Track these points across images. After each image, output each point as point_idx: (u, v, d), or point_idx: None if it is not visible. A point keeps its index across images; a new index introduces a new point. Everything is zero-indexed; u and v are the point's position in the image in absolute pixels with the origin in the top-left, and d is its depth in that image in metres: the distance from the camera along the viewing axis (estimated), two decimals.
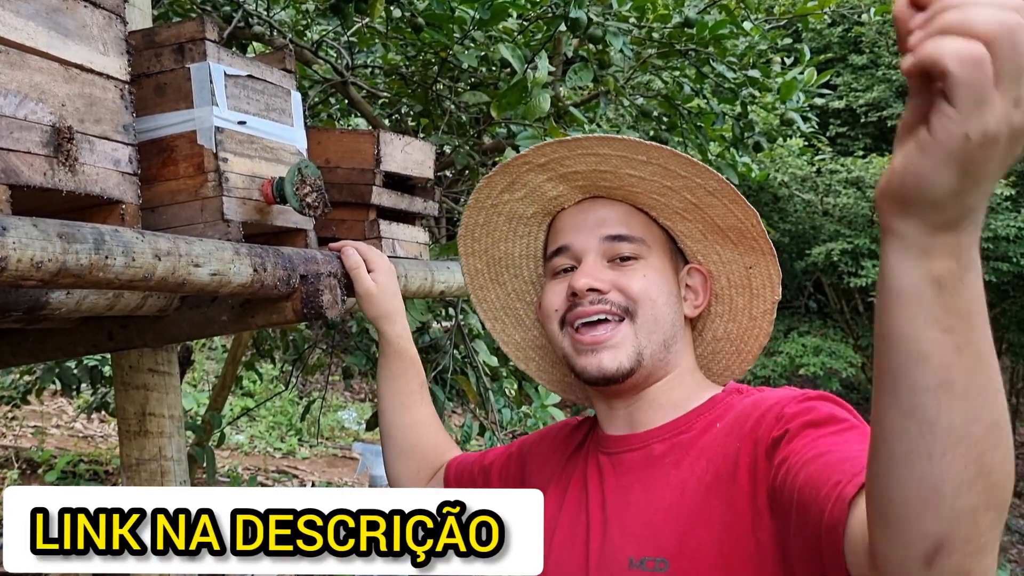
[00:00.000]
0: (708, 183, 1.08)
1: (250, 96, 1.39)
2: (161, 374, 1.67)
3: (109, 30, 1.12)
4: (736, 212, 1.10)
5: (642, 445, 1.10)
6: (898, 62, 0.65)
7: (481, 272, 1.30)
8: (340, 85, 2.94)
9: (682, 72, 3.59)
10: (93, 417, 6.65)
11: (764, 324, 1.18)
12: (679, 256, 1.18)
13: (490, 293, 1.32)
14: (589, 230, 1.14)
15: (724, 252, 1.16)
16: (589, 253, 1.13)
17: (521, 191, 1.19)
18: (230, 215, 1.32)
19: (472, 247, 1.29)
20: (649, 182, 1.10)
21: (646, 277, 1.11)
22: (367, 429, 3.02)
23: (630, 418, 1.14)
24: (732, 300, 1.18)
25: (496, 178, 1.19)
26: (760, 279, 1.16)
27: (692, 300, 1.17)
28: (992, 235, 8.22)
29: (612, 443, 1.15)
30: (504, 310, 1.33)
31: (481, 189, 1.22)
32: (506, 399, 3.04)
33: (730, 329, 1.20)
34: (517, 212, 1.22)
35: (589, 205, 1.16)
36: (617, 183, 1.12)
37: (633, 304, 1.09)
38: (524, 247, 1.27)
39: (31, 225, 0.89)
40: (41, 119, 1.01)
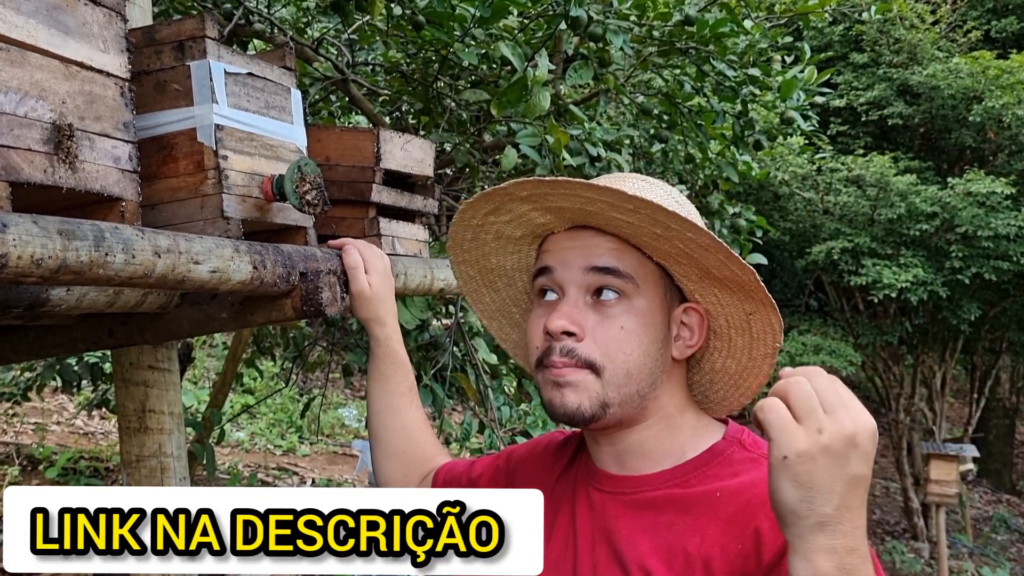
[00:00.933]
0: (700, 239, 1.02)
1: (250, 94, 1.39)
2: (161, 371, 1.67)
3: (109, 28, 1.11)
4: (733, 267, 1.04)
5: (635, 491, 1.07)
6: (899, 60, 0.67)
7: (474, 278, 1.28)
8: (341, 83, 2.93)
9: (682, 70, 3.58)
10: (94, 414, 6.66)
11: (764, 366, 1.13)
12: (675, 293, 1.11)
13: (484, 297, 1.29)
14: (575, 259, 1.08)
15: (722, 296, 1.10)
16: (571, 287, 1.07)
17: (507, 216, 1.15)
18: (230, 212, 1.32)
19: (463, 257, 1.25)
20: (639, 227, 1.04)
21: (623, 328, 1.05)
22: (367, 426, 3.02)
23: (618, 459, 1.11)
24: (731, 339, 1.13)
25: (479, 203, 1.14)
26: (760, 325, 1.10)
27: (685, 340, 1.11)
28: (992, 234, 8.21)
29: (604, 481, 1.12)
30: (500, 312, 1.30)
31: (464, 211, 1.17)
32: (505, 397, 3.04)
33: (728, 365, 1.15)
34: (504, 233, 1.18)
35: (578, 232, 1.10)
36: (605, 223, 1.07)
37: (601, 359, 1.05)
38: (516, 261, 1.23)
39: (31, 222, 0.89)
40: (41, 116, 1.01)
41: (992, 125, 9.06)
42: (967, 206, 8.34)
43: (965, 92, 9.08)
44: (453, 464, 1.38)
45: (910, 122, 9.79)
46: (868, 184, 8.89)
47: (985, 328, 10.19)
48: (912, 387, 10.49)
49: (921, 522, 9.75)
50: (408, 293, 1.82)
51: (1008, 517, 11.14)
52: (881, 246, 8.84)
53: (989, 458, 12.40)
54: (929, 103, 9.50)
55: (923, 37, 9.70)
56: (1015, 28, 11.02)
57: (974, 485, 12.13)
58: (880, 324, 9.91)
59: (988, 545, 9.94)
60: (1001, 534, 10.56)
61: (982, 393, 11.14)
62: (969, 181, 8.46)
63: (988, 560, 9.32)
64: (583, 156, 2.81)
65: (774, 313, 1.07)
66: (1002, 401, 12.96)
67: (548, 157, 2.63)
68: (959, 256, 8.51)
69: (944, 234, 8.71)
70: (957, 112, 9.32)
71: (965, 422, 11.43)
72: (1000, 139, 9.29)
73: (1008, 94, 8.59)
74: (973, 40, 10.71)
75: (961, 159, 10.16)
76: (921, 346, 10.30)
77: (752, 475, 1.00)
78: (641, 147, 4.07)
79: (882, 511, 11.07)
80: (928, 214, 8.55)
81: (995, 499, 12.19)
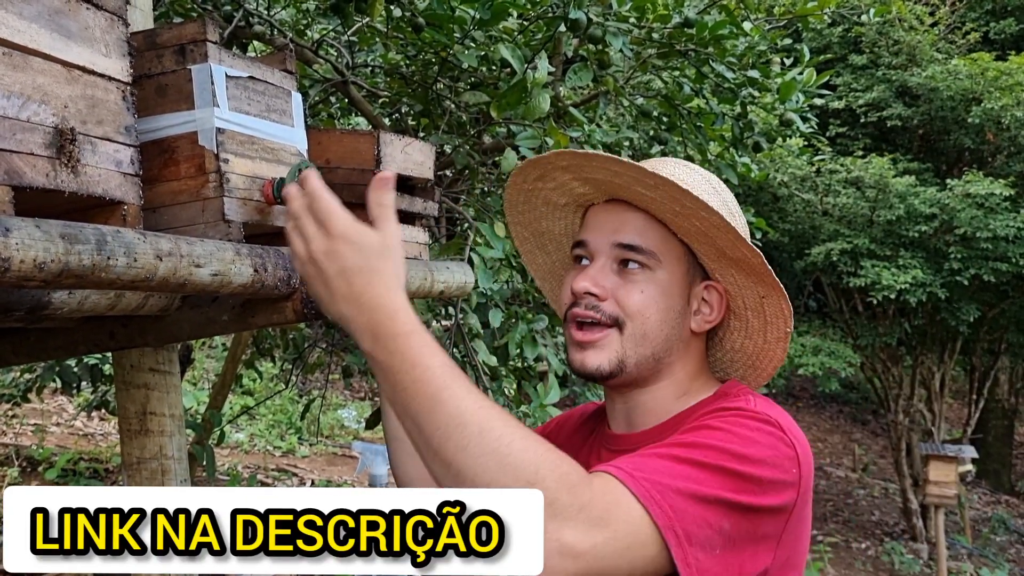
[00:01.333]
0: (712, 218, 1.10)
1: (251, 97, 1.40)
2: (162, 373, 1.68)
3: (111, 32, 1.12)
4: (743, 249, 1.13)
5: (634, 446, 1.13)
6: (898, 62, 0.68)
7: (528, 240, 1.37)
8: (340, 84, 2.94)
9: (682, 72, 3.59)
10: (93, 415, 6.66)
11: (778, 350, 1.23)
12: (698, 270, 1.20)
13: (537, 258, 1.39)
14: (606, 233, 1.18)
15: (739, 277, 1.18)
16: (599, 256, 1.18)
17: (552, 183, 1.25)
18: (231, 216, 1.32)
19: (517, 219, 1.35)
20: (660, 203, 1.13)
21: (643, 292, 1.15)
22: (367, 427, 3.03)
23: (628, 416, 1.21)
24: (748, 320, 1.22)
25: (528, 169, 1.24)
26: (773, 310, 1.19)
27: (704, 315, 1.20)
28: (991, 235, 8.21)
29: (613, 440, 1.22)
30: (551, 274, 1.40)
31: (516, 175, 1.27)
32: (505, 398, 3.04)
33: (745, 345, 1.24)
34: (552, 200, 1.28)
35: (613, 207, 1.20)
36: (632, 197, 1.16)
37: (624, 316, 1.15)
38: (563, 228, 1.33)
39: (34, 226, 0.89)
40: (44, 121, 1.01)
41: (991, 127, 9.07)
42: (966, 207, 8.34)
43: (964, 94, 9.09)
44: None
45: (909, 124, 9.80)
46: (867, 186, 8.90)
47: (984, 329, 10.19)
48: (911, 388, 10.49)
49: (920, 523, 9.75)
50: (408, 296, 1.82)
51: (1007, 518, 11.15)
52: (880, 247, 8.84)
53: (988, 459, 12.41)
54: (928, 105, 9.51)
55: (922, 39, 9.71)
56: (1014, 30, 11.03)
57: (973, 486, 12.13)
58: (879, 325, 9.92)
59: (987, 546, 9.94)
60: (1000, 535, 10.57)
61: (981, 394, 11.15)
62: (968, 183, 8.47)
63: (987, 561, 9.32)
64: None
65: (784, 299, 1.16)
66: (1001, 402, 12.97)
67: None
68: (958, 257, 8.51)
69: (943, 235, 8.72)
70: (956, 114, 9.33)
71: (964, 423, 11.43)
72: (999, 141, 9.30)
73: (1007, 96, 8.60)
74: (972, 42, 10.72)
75: (960, 161, 10.17)
76: (920, 347, 10.31)
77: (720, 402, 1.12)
78: (641, 149, 4.08)
79: (881, 512, 11.07)
80: (927, 215, 8.55)
81: (994, 500, 12.19)
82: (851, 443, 14.20)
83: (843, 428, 15.15)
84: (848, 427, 15.27)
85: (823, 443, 14.01)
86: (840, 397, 15.85)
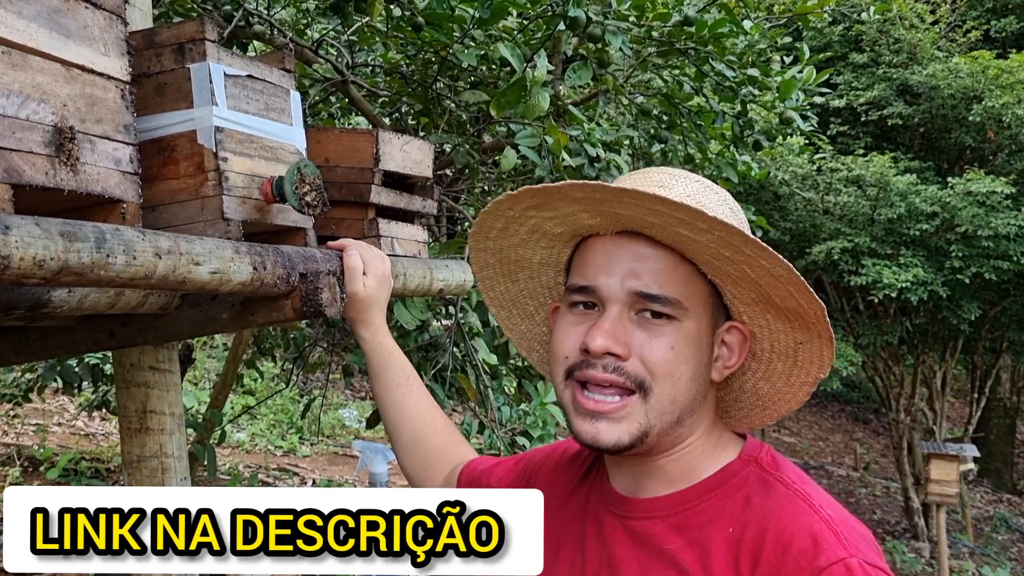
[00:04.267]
0: (775, 268, 0.95)
1: (250, 96, 1.40)
2: (162, 372, 1.68)
3: (110, 31, 1.12)
4: (800, 300, 0.97)
5: (644, 516, 1.03)
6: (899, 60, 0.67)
7: (491, 266, 1.20)
8: (340, 84, 2.94)
9: (682, 71, 3.59)
10: (94, 415, 6.66)
11: (800, 394, 1.08)
12: (721, 312, 1.04)
13: (498, 286, 1.22)
14: (620, 275, 0.99)
15: (774, 322, 1.03)
16: (612, 304, 0.98)
17: (550, 212, 1.05)
18: (230, 214, 1.32)
19: (484, 244, 1.16)
20: (705, 246, 0.96)
21: (673, 348, 0.97)
22: (367, 427, 3.03)
23: (636, 480, 1.06)
24: (771, 363, 1.07)
25: (524, 197, 1.04)
26: (809, 355, 1.04)
27: (724, 360, 1.04)
28: (992, 233, 8.20)
29: (617, 503, 1.07)
30: (512, 302, 1.23)
31: (503, 201, 1.07)
32: (505, 397, 3.04)
33: (761, 387, 1.09)
34: (543, 228, 1.08)
35: (624, 241, 1.00)
36: (664, 236, 0.98)
37: (650, 380, 0.97)
38: (545, 256, 1.14)
39: (33, 224, 0.89)
40: (43, 119, 1.01)
41: (992, 125, 9.06)
42: (967, 206, 8.34)
43: (965, 92, 9.08)
44: (477, 463, 1.35)
45: (910, 122, 9.80)
46: (868, 184, 8.90)
47: (985, 328, 10.18)
48: (912, 387, 10.49)
49: (922, 522, 9.74)
50: (407, 294, 1.82)
51: (1009, 517, 11.14)
52: (881, 246, 8.84)
53: (990, 458, 12.41)
54: (929, 103, 9.50)
55: (923, 37, 9.70)
56: (1015, 28, 11.02)
57: (975, 485, 12.13)
58: (880, 324, 9.91)
59: (989, 545, 9.94)
60: (1002, 534, 10.56)
61: (982, 393, 11.15)
62: (969, 181, 8.46)
63: (989, 560, 9.32)
64: (582, 157, 2.82)
65: (829, 346, 1.01)
66: (1002, 400, 12.96)
67: (547, 158, 2.63)
68: (959, 256, 8.51)
69: (944, 234, 8.71)
70: (957, 112, 9.32)
71: (965, 422, 11.43)
72: (1000, 139, 9.30)
73: (1008, 94, 8.60)
74: (973, 40, 10.72)
75: (961, 159, 10.16)
76: (921, 346, 10.30)
77: (763, 503, 0.96)
78: (640, 147, 4.08)
79: (883, 511, 11.07)
80: (928, 214, 8.55)
81: (996, 499, 12.19)
82: (853, 442, 14.20)
83: (845, 427, 15.15)
84: (850, 426, 15.26)
85: (824, 442, 14.00)
86: (842, 396, 15.85)
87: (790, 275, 0.95)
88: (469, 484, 1.32)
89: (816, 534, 0.90)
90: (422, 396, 1.45)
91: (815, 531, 0.91)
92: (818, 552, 0.89)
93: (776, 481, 0.98)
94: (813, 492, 0.97)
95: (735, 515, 0.96)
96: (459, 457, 1.39)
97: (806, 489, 0.97)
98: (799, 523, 0.92)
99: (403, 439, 1.43)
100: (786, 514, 0.93)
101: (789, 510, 0.94)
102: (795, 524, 0.92)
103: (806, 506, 0.94)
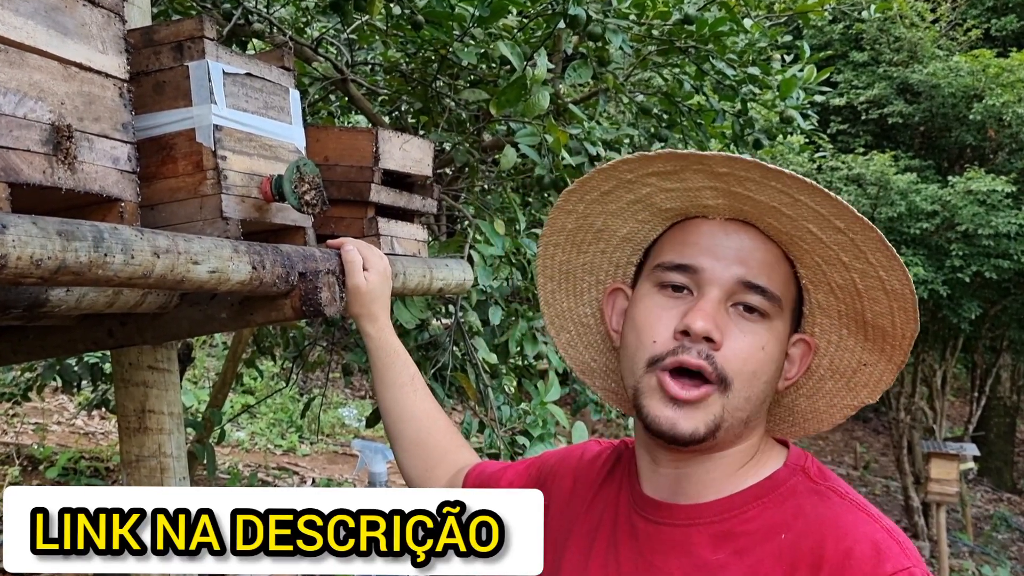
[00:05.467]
0: (892, 281, 0.93)
1: (248, 94, 1.39)
2: (161, 371, 1.67)
3: (108, 28, 1.11)
4: (897, 320, 0.95)
5: (686, 523, 0.99)
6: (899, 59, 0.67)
7: (565, 231, 1.11)
8: (340, 83, 2.93)
9: (682, 69, 3.58)
10: (94, 414, 6.66)
11: (838, 416, 1.06)
12: (795, 321, 1.01)
13: (561, 255, 1.14)
14: (727, 261, 0.96)
15: (847, 340, 1.01)
16: (714, 288, 0.95)
17: (674, 184, 0.98)
18: (229, 213, 1.32)
19: (573, 207, 1.08)
20: (827, 248, 0.94)
21: (764, 349, 0.95)
22: (367, 426, 3.02)
23: (676, 483, 1.01)
24: (823, 382, 1.05)
25: (658, 159, 0.97)
26: (865, 378, 1.02)
27: (787, 371, 1.01)
28: (993, 232, 8.20)
29: (651, 508, 1.02)
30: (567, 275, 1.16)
31: (629, 160, 0.99)
32: (505, 396, 3.04)
33: (801, 405, 1.07)
34: (652, 200, 1.02)
35: (735, 228, 0.97)
36: (789, 229, 0.95)
37: (731, 375, 0.94)
38: (633, 230, 1.07)
39: (30, 223, 0.89)
40: (40, 117, 1.01)
41: (992, 123, 9.06)
42: (967, 204, 8.33)
43: (965, 90, 9.07)
44: (483, 467, 1.32)
45: (910, 120, 9.79)
46: (868, 183, 8.89)
47: (986, 327, 10.18)
48: (912, 386, 10.48)
49: (922, 521, 9.74)
50: (407, 293, 1.82)
51: (1009, 516, 11.14)
52: None
53: (990, 457, 12.41)
54: (929, 101, 9.49)
55: (923, 35, 9.70)
56: (1015, 26, 11.01)
57: (975, 484, 12.13)
58: None
59: (989, 544, 9.94)
60: (1002, 533, 10.56)
61: (983, 392, 11.14)
62: (969, 179, 8.46)
63: (989, 559, 9.32)
64: (582, 155, 2.81)
65: (894, 372, 0.99)
66: (1003, 400, 12.96)
67: (547, 156, 2.63)
68: (959, 254, 8.50)
69: (944, 232, 8.70)
70: (957, 110, 9.32)
71: (966, 421, 11.43)
72: (1000, 137, 9.29)
73: (1008, 92, 8.59)
74: (973, 38, 10.71)
75: (961, 157, 10.16)
76: (921, 344, 10.29)
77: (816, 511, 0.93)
78: (641, 146, 4.07)
79: (883, 510, 11.02)
80: (928, 212, 8.54)
81: (996, 498, 12.19)
82: (852, 441, 14.20)
83: (844, 426, 15.15)
84: (849, 425, 15.26)
85: (824, 441, 14.00)
86: None
87: (903, 289, 0.93)
88: (477, 484, 1.29)
89: (878, 543, 0.88)
90: (426, 397, 1.43)
91: (877, 539, 0.89)
92: (882, 559, 0.87)
93: (829, 491, 0.95)
94: (866, 503, 0.95)
95: (788, 523, 0.93)
96: (462, 460, 1.37)
97: (860, 500, 0.95)
98: (860, 531, 0.90)
99: (405, 440, 1.41)
100: (844, 522, 0.91)
101: (848, 518, 0.92)
102: (856, 532, 0.90)
103: (865, 516, 0.92)
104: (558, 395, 2.75)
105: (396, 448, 1.44)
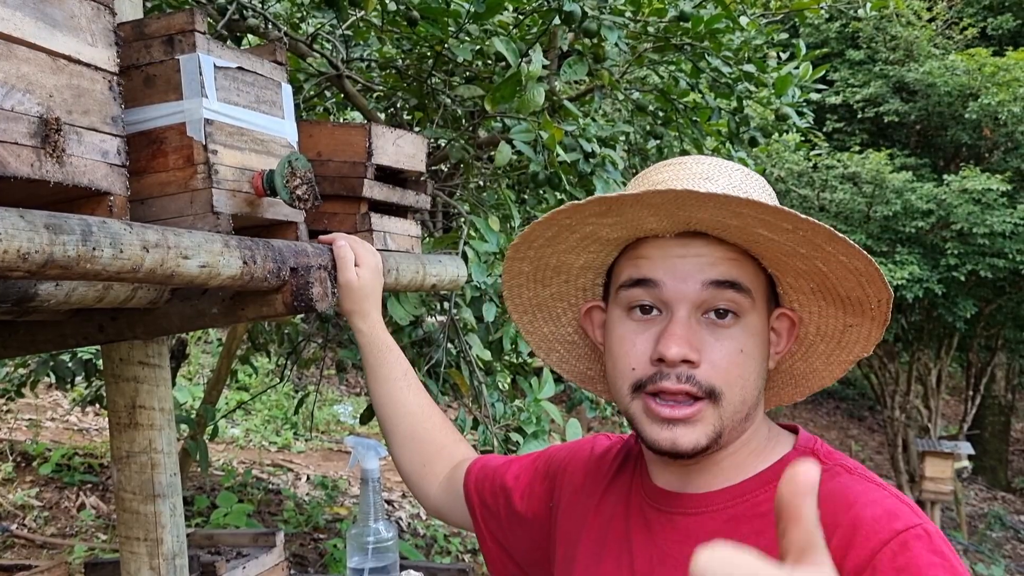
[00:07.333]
0: (853, 262, 0.94)
1: (240, 88, 1.38)
2: (151, 367, 1.66)
3: (97, 21, 1.11)
4: (869, 291, 0.97)
5: (698, 511, 1.00)
6: (895, 57, 0.66)
7: (524, 274, 1.14)
8: (335, 78, 2.93)
9: (678, 66, 3.58)
10: (88, 410, 6.65)
11: (836, 371, 1.09)
12: (772, 299, 1.03)
13: (527, 292, 1.17)
14: (687, 270, 0.96)
15: (827, 308, 1.03)
16: (680, 307, 0.95)
17: (614, 218, 0.99)
18: (220, 207, 1.31)
19: (524, 254, 1.11)
20: (781, 244, 0.95)
21: (743, 351, 0.96)
22: (361, 423, 3.02)
23: (686, 475, 1.03)
24: (814, 345, 1.07)
25: (590, 205, 0.97)
26: (855, 336, 1.04)
27: (774, 347, 1.03)
28: (988, 231, 8.22)
29: (662, 499, 1.04)
30: (538, 307, 1.18)
31: (563, 211, 1.00)
32: (499, 393, 3.03)
33: (797, 367, 1.10)
34: (597, 234, 1.03)
35: (687, 241, 0.97)
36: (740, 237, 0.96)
37: (721, 386, 0.95)
38: (589, 260, 1.09)
39: (18, 216, 0.88)
40: (28, 110, 1.00)
41: (988, 122, 9.08)
42: (963, 203, 8.35)
43: (961, 89, 9.09)
44: (486, 460, 1.32)
45: (906, 119, 9.81)
46: (864, 181, 8.90)
47: (981, 325, 10.21)
48: (907, 384, 10.51)
49: None
50: (400, 289, 1.81)
51: (1003, 514, 11.17)
52: (877, 243, 8.85)
53: (984, 455, 12.44)
54: (925, 100, 9.51)
55: (919, 34, 9.71)
56: (1011, 25, 11.03)
57: (969, 482, 12.16)
58: None
59: (983, 542, 9.96)
60: (996, 531, 10.59)
61: (977, 390, 11.17)
62: (965, 178, 8.48)
63: (983, 557, 9.34)
64: (577, 152, 2.81)
65: (880, 328, 1.01)
66: (997, 398, 13.00)
67: (542, 153, 2.62)
68: (955, 253, 8.52)
69: (940, 231, 8.72)
70: (953, 109, 9.34)
71: (960, 419, 11.45)
72: (996, 136, 9.31)
73: (1004, 91, 8.61)
74: (969, 37, 10.73)
75: (957, 156, 10.17)
76: (917, 343, 10.32)
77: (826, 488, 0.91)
78: (636, 143, 4.07)
79: None
80: (924, 211, 8.56)
81: (990, 496, 12.22)
82: (847, 439, 14.21)
83: (839, 424, 15.17)
84: (844, 423, 15.28)
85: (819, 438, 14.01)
86: (836, 393, 15.86)
87: (867, 268, 0.94)
88: (480, 482, 1.30)
89: (889, 507, 0.90)
90: (419, 392, 1.43)
91: (888, 505, 0.90)
92: (893, 519, 0.88)
93: (838, 467, 0.97)
94: (874, 476, 0.97)
95: None
96: (460, 455, 1.38)
97: (868, 474, 0.97)
98: (868, 497, 0.91)
99: (399, 435, 1.41)
100: (853, 492, 0.92)
101: (857, 489, 0.93)
102: (864, 498, 0.91)
103: (875, 486, 0.94)
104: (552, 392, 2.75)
105: (391, 444, 1.43)
